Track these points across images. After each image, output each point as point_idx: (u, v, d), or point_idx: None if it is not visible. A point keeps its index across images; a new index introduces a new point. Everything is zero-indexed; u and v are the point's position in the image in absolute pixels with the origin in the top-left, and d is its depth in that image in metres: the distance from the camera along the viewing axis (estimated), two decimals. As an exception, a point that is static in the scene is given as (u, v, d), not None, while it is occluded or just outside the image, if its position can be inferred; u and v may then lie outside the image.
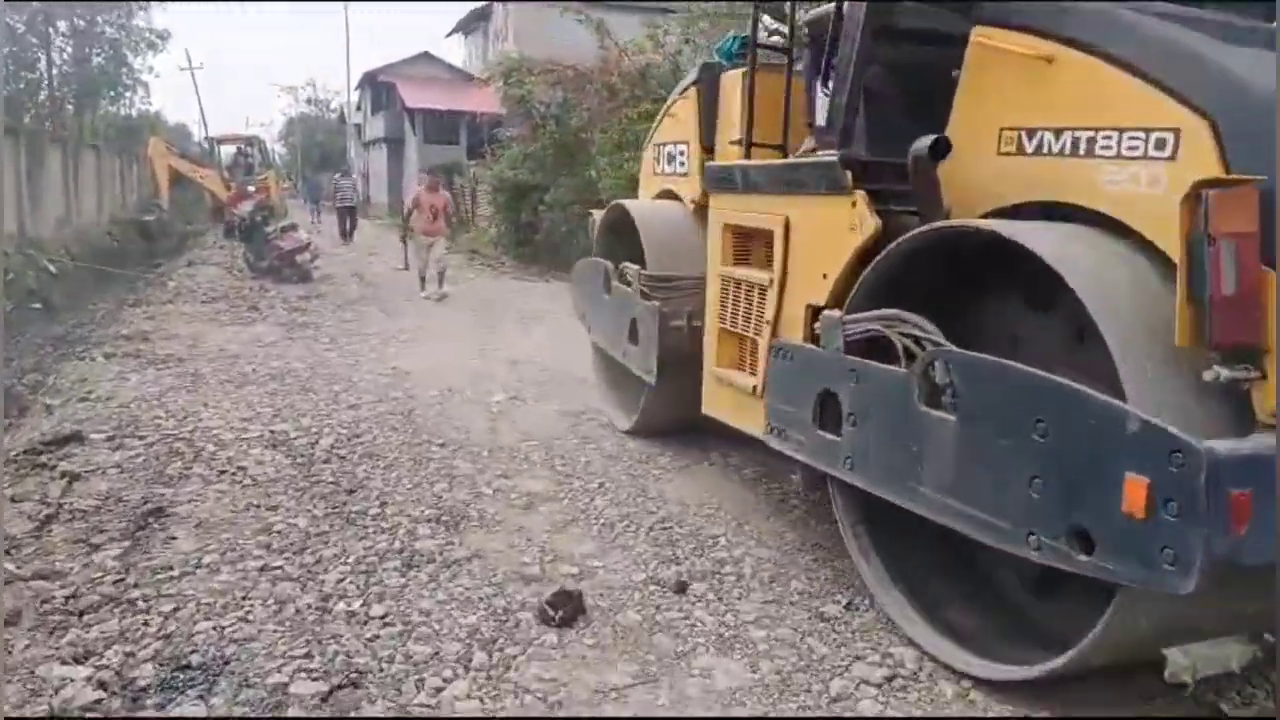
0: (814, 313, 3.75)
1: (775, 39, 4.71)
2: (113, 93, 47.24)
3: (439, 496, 4.68)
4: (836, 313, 3.56)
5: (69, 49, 46.51)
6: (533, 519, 4.46)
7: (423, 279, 12.72)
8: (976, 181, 3.31)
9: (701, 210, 4.92)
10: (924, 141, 3.23)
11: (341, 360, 8.06)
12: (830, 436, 3.57)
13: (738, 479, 5.11)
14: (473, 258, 19.36)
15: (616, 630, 3.35)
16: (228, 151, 33.70)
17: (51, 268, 17.32)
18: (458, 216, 30.65)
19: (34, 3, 43.40)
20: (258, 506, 4.50)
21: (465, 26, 42.74)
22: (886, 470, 3.26)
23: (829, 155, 3.75)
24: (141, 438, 5.58)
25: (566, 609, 3.38)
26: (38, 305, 16.23)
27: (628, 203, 5.90)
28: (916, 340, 3.13)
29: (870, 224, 3.50)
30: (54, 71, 45.81)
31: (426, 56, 38.93)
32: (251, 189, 17.55)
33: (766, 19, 4.76)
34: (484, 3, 36.41)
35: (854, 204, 3.57)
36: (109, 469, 5.01)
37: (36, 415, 6.58)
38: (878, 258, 3.40)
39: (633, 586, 3.71)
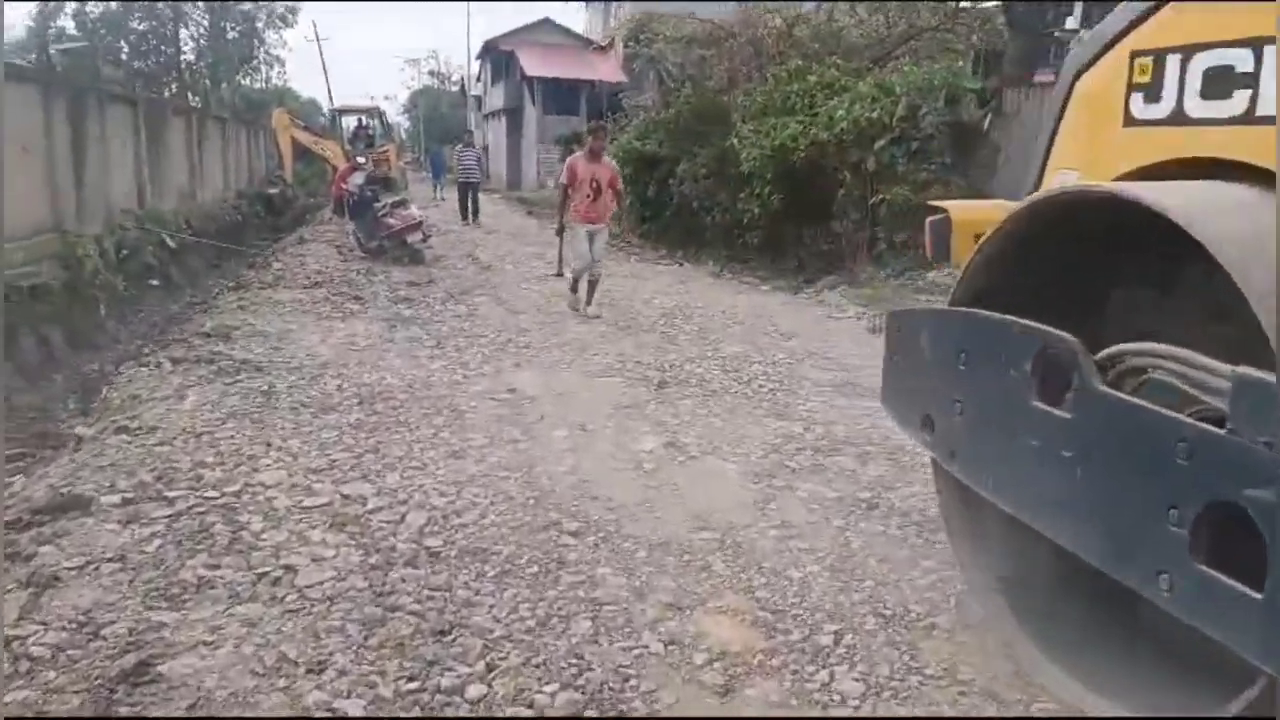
0: None
1: None
2: (246, 66, 48.01)
3: (579, 657, 2.84)
4: None
5: (205, 23, 47.41)
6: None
7: (574, 284, 8.95)
8: None
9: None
10: None
11: (446, 375, 6.35)
12: None
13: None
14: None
15: None
16: (351, 124, 33.00)
17: (170, 242, 16.48)
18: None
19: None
20: (294, 665, 2.77)
21: (588, -7, 40.93)
22: None
23: None
24: (169, 502, 3.95)
25: None
26: (155, 282, 15.35)
27: (1128, 190, 2.24)
28: None
29: None
30: (189, 46, 46.53)
31: (547, 23, 37.30)
32: (362, 160, 16.27)
33: None
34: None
35: None
36: (104, 565, 3.38)
37: (64, 450, 5.09)
38: None
39: None
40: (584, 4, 41.77)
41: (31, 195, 11.73)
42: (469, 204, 20.34)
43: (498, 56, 39.37)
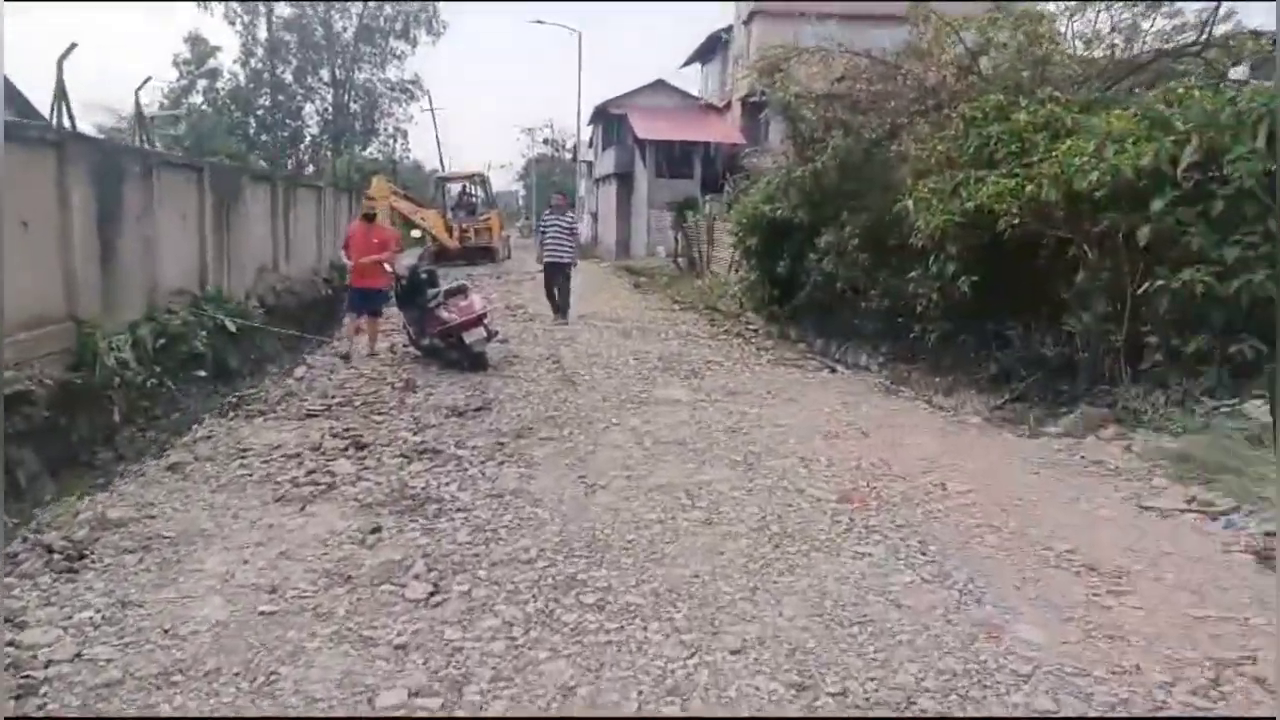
0: None
1: None
2: (368, 138, 47.20)
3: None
4: None
5: (329, 98, 46.95)
6: None
7: None
8: None
9: None
10: None
11: (474, 680, 2.77)
12: None
13: None
14: (714, 320, 13.95)
15: None
16: (456, 191, 30.75)
17: (231, 326, 13.78)
18: (687, 257, 25.71)
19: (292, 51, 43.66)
20: None
21: (702, 54, 38.12)
22: None
23: None
24: None
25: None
26: (203, 373, 12.55)
27: None
28: None
29: None
30: (314, 120, 46.00)
31: (660, 84, 34.46)
32: (418, 234, 13.29)
33: None
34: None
35: None
36: None
37: None
38: None
39: None
40: (700, 65, 39.00)
41: (36, 280, 8.94)
42: (557, 294, 13.60)
43: (609, 120, 36.79)
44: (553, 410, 7.17)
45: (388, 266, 9.43)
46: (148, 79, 15.71)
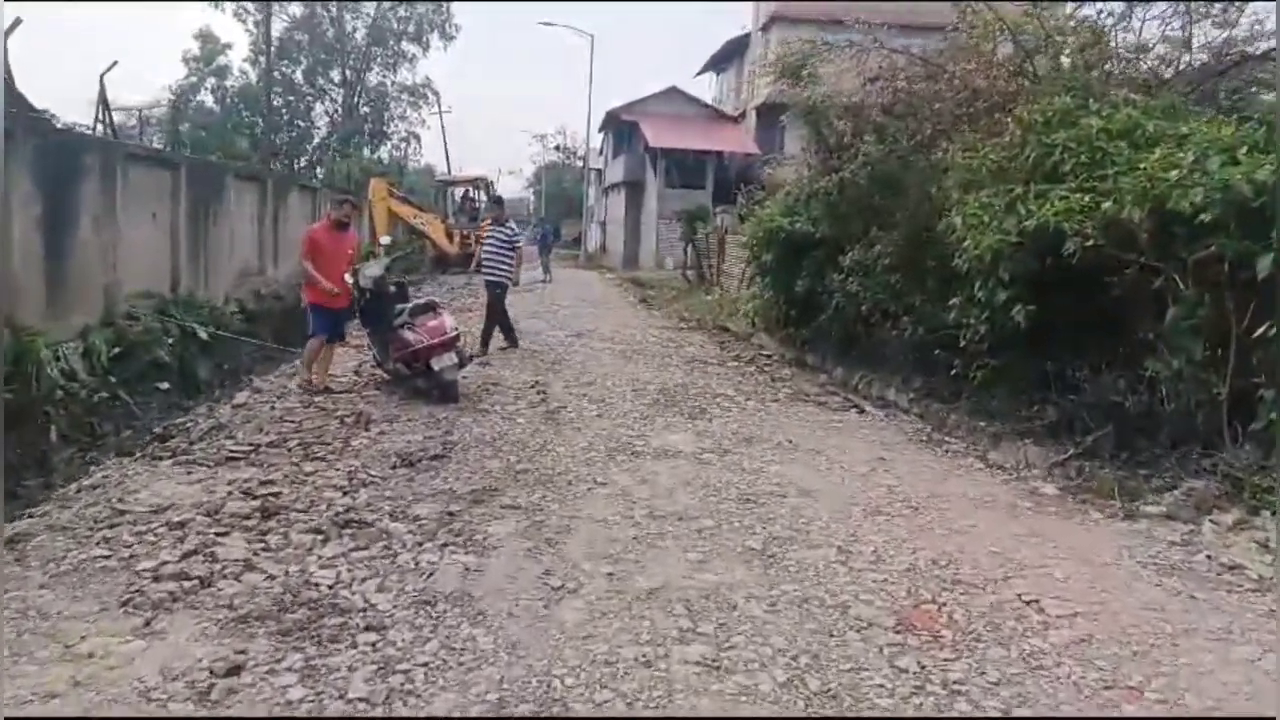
0: None
1: None
2: (378, 141, 45.96)
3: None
4: None
5: (339, 99, 45.75)
6: None
7: None
8: None
9: None
10: None
11: None
12: None
13: None
14: (724, 343, 12.53)
15: None
16: (459, 196, 29.41)
17: (203, 334, 12.46)
18: (696, 270, 24.26)
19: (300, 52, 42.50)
20: None
21: (717, 62, 36.83)
22: None
23: None
24: None
25: None
26: (165, 385, 11.29)
27: None
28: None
29: None
30: (323, 122, 44.83)
31: (673, 92, 33.13)
32: (386, 241, 11.88)
33: None
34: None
35: None
36: None
37: None
38: None
39: None
40: (714, 74, 37.73)
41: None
42: (492, 324, 10.95)
43: (620, 127, 35.48)
44: (526, 462, 5.75)
45: (347, 278, 8.01)
46: (114, 63, 14.42)
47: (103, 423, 9.67)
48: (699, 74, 38.36)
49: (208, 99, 41.30)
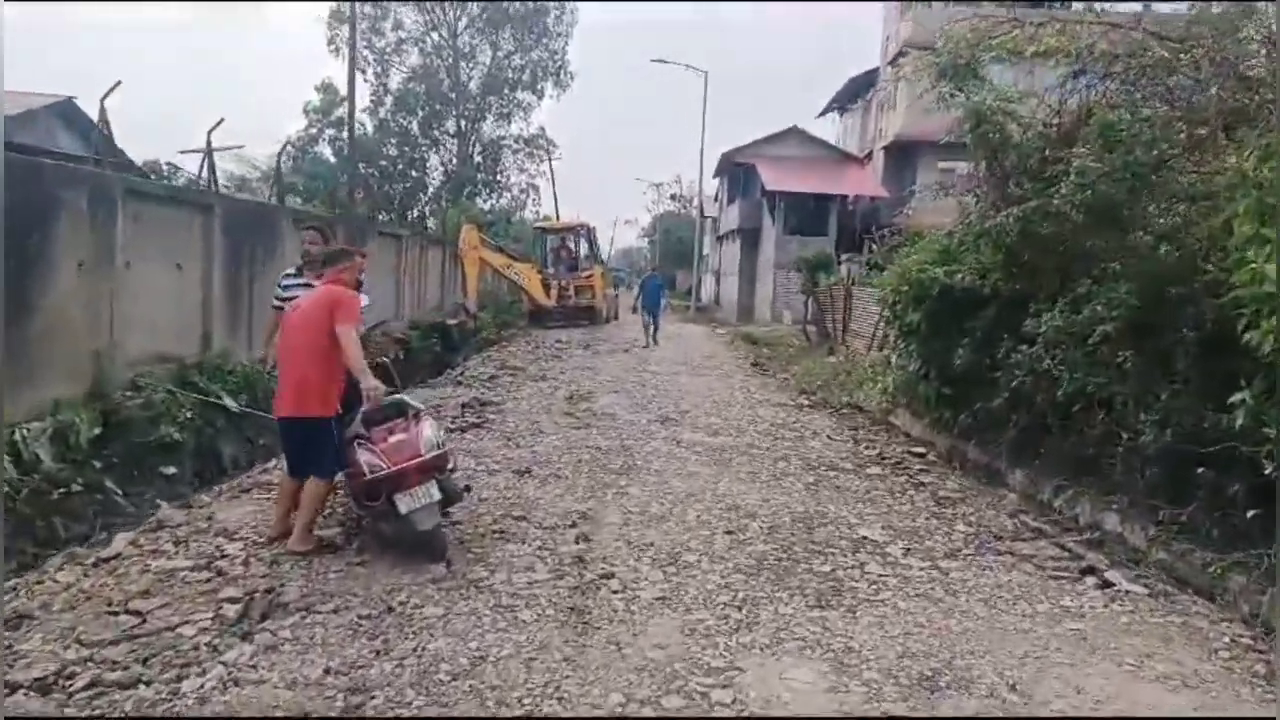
0: None
1: None
2: (492, 190, 45.14)
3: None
4: None
5: (454, 148, 45.28)
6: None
7: None
8: None
9: None
10: None
11: None
12: None
13: None
14: (857, 428, 9.45)
15: None
16: (555, 244, 27.42)
17: (232, 404, 10.45)
18: (818, 327, 20.72)
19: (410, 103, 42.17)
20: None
21: (842, 100, 33.95)
22: None
23: None
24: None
25: None
26: (171, 470, 9.36)
27: None
28: None
29: None
30: (437, 171, 44.35)
31: (793, 132, 30.38)
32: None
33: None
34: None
35: None
36: None
37: None
38: None
39: None
40: (837, 114, 34.83)
41: None
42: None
43: (736, 171, 32.95)
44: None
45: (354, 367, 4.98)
46: (220, 120, 13.90)
47: (71, 523, 7.62)
48: (821, 114, 35.56)
49: (325, 150, 41.22)
